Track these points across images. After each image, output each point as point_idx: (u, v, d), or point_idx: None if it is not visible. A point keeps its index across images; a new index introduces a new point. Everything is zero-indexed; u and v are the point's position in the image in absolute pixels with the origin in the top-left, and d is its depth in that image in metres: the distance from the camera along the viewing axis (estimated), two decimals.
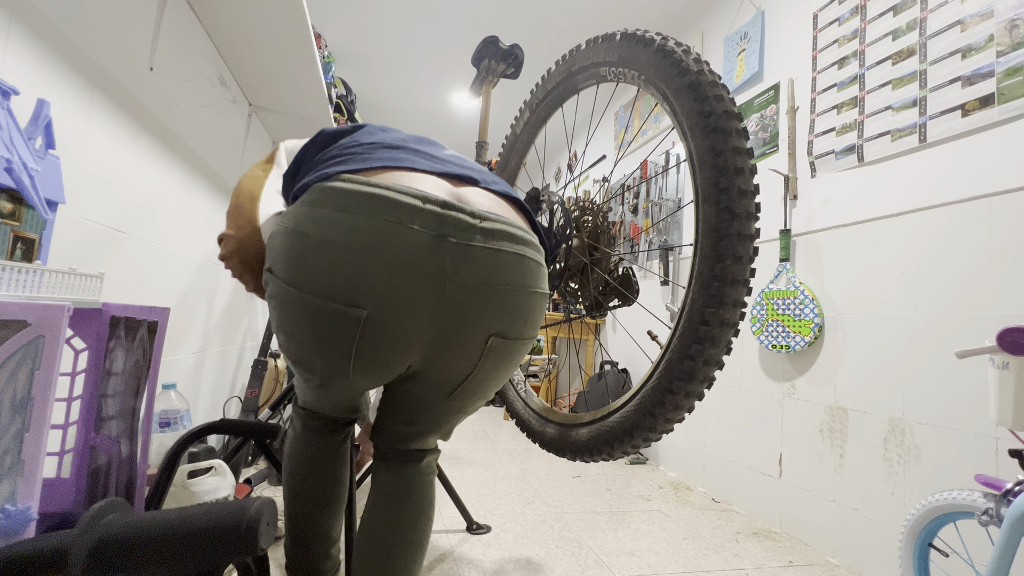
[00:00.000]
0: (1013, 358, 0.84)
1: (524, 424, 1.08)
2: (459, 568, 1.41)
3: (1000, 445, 1.19)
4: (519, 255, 0.64)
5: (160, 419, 1.58)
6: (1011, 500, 0.85)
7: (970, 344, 0.90)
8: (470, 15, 2.67)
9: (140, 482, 1.01)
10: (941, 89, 1.38)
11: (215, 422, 1.09)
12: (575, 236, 1.00)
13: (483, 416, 3.76)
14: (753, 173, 0.71)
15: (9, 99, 0.90)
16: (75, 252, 1.25)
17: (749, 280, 0.71)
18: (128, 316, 1.01)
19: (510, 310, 0.64)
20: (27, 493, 0.59)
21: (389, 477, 0.83)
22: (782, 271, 1.83)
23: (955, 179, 1.35)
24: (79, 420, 0.99)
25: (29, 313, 0.61)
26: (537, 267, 0.67)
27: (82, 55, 1.24)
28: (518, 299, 0.64)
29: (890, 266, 1.49)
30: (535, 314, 0.68)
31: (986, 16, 1.29)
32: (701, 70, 0.74)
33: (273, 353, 2.80)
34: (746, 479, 1.98)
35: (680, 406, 0.74)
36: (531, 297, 0.66)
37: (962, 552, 1.09)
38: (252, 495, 1.45)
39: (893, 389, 1.45)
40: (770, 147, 1.98)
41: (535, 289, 0.67)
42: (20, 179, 0.88)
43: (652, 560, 1.52)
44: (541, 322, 0.70)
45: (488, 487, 2.12)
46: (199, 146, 2.06)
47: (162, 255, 1.79)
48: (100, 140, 1.34)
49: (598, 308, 1.00)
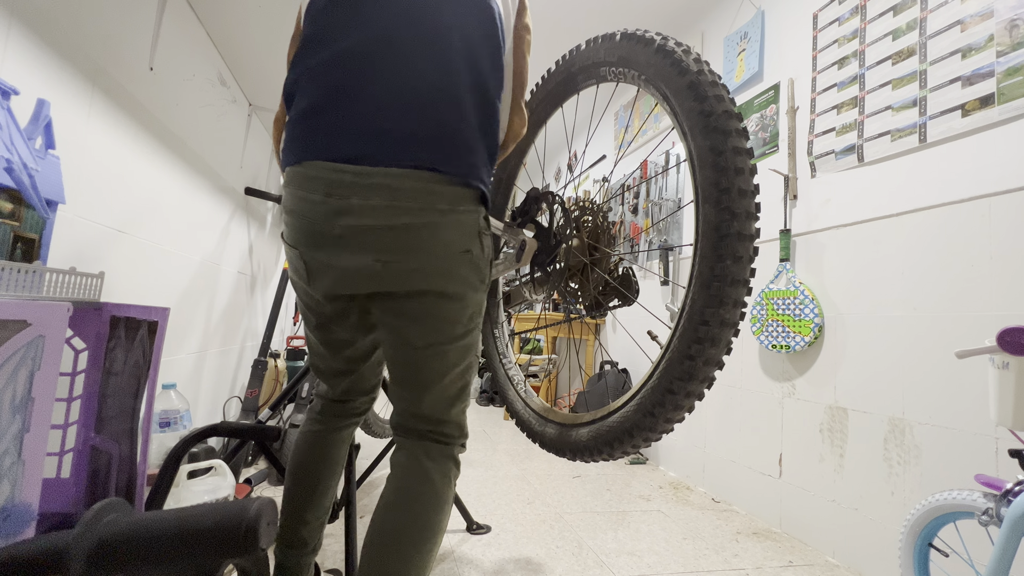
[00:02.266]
0: (1013, 358, 0.84)
1: (524, 424, 1.08)
2: (459, 568, 1.41)
3: (1000, 445, 1.19)
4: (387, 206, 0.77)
5: (160, 419, 1.58)
6: (1011, 500, 0.85)
7: (970, 344, 0.90)
8: None
9: (140, 482, 1.01)
10: (941, 89, 1.38)
11: (216, 424, 1.09)
12: (575, 236, 1.00)
13: (483, 416, 3.76)
14: (753, 173, 0.70)
15: (9, 99, 0.90)
16: (75, 252, 1.25)
17: (749, 280, 0.71)
18: (128, 316, 1.01)
19: (382, 242, 0.78)
20: (27, 493, 0.59)
21: (392, 459, 0.85)
22: (782, 271, 1.83)
23: (955, 179, 1.35)
24: (79, 420, 0.99)
25: (29, 313, 0.61)
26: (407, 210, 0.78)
27: (82, 55, 1.24)
28: (389, 233, 0.78)
29: (890, 266, 1.49)
30: (412, 242, 0.78)
31: (986, 16, 1.29)
32: (701, 70, 0.74)
33: (273, 353, 2.80)
34: (746, 479, 1.98)
35: (680, 406, 0.73)
36: (406, 230, 0.78)
37: (962, 552, 1.09)
38: (252, 495, 1.45)
39: (893, 389, 1.45)
40: (770, 147, 1.99)
41: (405, 221, 0.78)
42: (20, 179, 0.88)
43: (652, 560, 1.52)
44: (435, 249, 0.79)
45: (488, 487, 2.12)
46: (199, 146, 2.06)
47: (162, 255, 1.78)
48: (100, 140, 1.34)
49: (598, 308, 1.00)
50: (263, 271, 3.31)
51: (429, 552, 0.78)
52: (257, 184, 3.00)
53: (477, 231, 0.83)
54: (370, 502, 1.88)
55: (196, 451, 1.61)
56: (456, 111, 0.80)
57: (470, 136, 0.81)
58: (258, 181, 3.08)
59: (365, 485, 2.05)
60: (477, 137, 0.82)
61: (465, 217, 0.81)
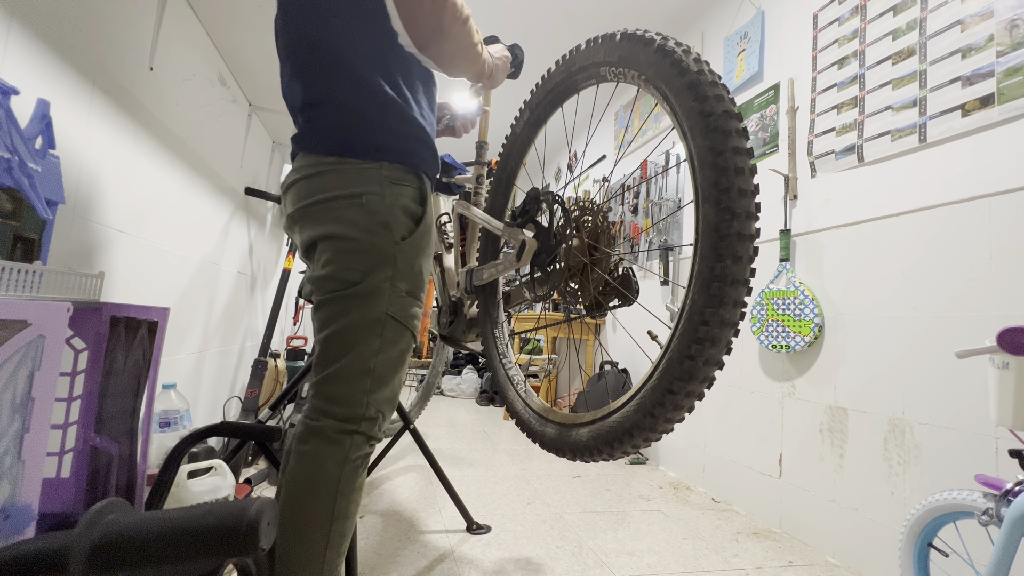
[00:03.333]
0: (1013, 358, 0.84)
1: (524, 424, 1.08)
2: (459, 568, 1.41)
3: (1000, 445, 1.19)
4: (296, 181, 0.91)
5: (160, 419, 1.58)
6: (1011, 500, 0.85)
7: (970, 344, 0.90)
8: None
9: (140, 482, 1.01)
10: (941, 89, 1.38)
11: (216, 424, 1.09)
12: (575, 236, 1.00)
13: (483, 416, 3.76)
14: (753, 173, 0.70)
15: (9, 99, 0.90)
16: (75, 252, 1.25)
17: (749, 280, 0.70)
18: (128, 316, 1.01)
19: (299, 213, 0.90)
20: (27, 493, 0.59)
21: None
22: (782, 271, 1.83)
23: (955, 179, 1.35)
24: (79, 420, 0.99)
25: (29, 313, 0.61)
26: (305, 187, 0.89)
27: (82, 55, 1.24)
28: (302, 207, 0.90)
29: (890, 266, 1.49)
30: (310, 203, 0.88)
31: (986, 16, 1.29)
32: (701, 70, 0.73)
33: (273, 353, 2.80)
34: (746, 479, 1.98)
35: (680, 406, 0.73)
36: (312, 205, 0.88)
37: (962, 552, 1.09)
38: (252, 495, 1.45)
39: (893, 389, 1.45)
40: (770, 147, 1.99)
41: (308, 202, 0.89)
42: (20, 179, 0.88)
43: (652, 560, 1.52)
44: (316, 200, 0.87)
45: (488, 487, 2.12)
46: (199, 146, 2.06)
47: (162, 255, 1.78)
48: (100, 140, 1.34)
49: (598, 308, 1.00)
50: (263, 271, 3.31)
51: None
52: (257, 184, 3.01)
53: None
54: (370, 502, 1.88)
55: (196, 451, 1.61)
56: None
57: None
58: (258, 181, 3.08)
59: (365, 485, 2.05)
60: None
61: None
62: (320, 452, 0.81)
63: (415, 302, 0.90)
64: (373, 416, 0.85)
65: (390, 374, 0.87)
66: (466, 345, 1.48)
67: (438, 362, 2.34)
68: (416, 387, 2.48)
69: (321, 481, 0.80)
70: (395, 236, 0.86)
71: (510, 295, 1.28)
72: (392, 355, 0.87)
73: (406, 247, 0.87)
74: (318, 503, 0.79)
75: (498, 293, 1.28)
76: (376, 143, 0.88)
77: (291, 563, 0.78)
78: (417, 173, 0.93)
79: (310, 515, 0.79)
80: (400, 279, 0.87)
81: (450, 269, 1.51)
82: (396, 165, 0.89)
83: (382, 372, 0.86)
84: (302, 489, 0.80)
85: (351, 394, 0.83)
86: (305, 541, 0.79)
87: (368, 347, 0.84)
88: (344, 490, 0.81)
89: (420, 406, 2.28)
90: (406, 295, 0.88)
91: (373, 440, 0.86)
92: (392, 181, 0.87)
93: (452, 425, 3.37)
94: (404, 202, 0.89)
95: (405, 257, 0.87)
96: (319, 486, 0.80)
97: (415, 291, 0.90)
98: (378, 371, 0.85)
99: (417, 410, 2.25)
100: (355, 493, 0.83)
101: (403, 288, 0.87)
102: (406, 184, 0.90)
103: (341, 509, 0.80)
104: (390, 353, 0.87)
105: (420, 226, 0.90)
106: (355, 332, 0.84)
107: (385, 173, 0.87)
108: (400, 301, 0.87)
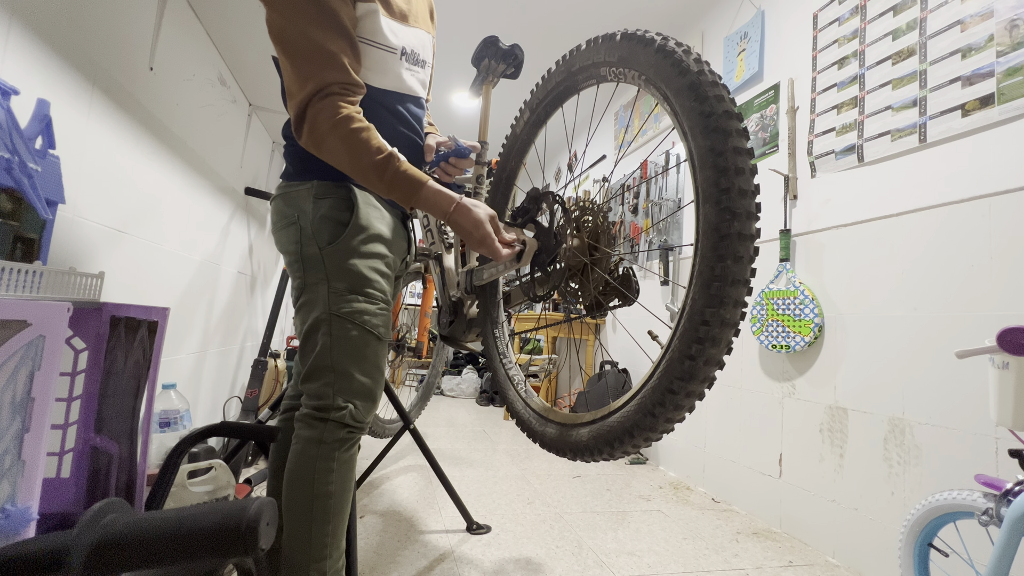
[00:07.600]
0: (1013, 358, 0.84)
1: (524, 424, 1.08)
2: (459, 568, 1.41)
3: (1000, 445, 1.19)
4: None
5: (160, 419, 1.58)
6: (1011, 500, 0.85)
7: (970, 344, 0.90)
8: (470, 15, 2.67)
9: (140, 482, 1.01)
10: (941, 89, 1.38)
11: (216, 424, 1.09)
12: (575, 236, 1.00)
13: (483, 416, 3.76)
14: (753, 173, 0.70)
15: (9, 99, 0.90)
16: (75, 252, 1.25)
17: (750, 280, 0.70)
18: (128, 316, 1.01)
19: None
20: (27, 493, 0.59)
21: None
22: (782, 271, 1.83)
23: (955, 179, 1.35)
24: (79, 420, 0.99)
25: (29, 313, 0.61)
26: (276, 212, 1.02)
27: (82, 55, 1.24)
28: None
29: (890, 266, 1.49)
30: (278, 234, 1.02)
31: (986, 16, 1.29)
32: (701, 70, 0.73)
33: (273, 353, 2.79)
34: (746, 479, 1.98)
35: (681, 406, 0.73)
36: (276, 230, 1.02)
37: (962, 552, 1.09)
38: (252, 495, 1.44)
39: (893, 389, 1.45)
40: (770, 147, 1.99)
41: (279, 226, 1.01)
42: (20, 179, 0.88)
43: (652, 560, 1.52)
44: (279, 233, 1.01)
45: (488, 487, 2.12)
46: (199, 146, 2.06)
47: (162, 255, 1.78)
48: (100, 140, 1.34)
49: (598, 308, 1.00)
50: (263, 271, 3.31)
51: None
52: (257, 184, 3.00)
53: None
54: (370, 502, 1.88)
55: (196, 451, 1.61)
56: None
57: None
58: (258, 181, 3.08)
59: (365, 485, 2.05)
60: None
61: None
62: (299, 436, 0.93)
63: (358, 298, 0.95)
64: (341, 406, 0.92)
65: (351, 368, 0.93)
66: (466, 345, 1.47)
67: (438, 362, 2.34)
68: (416, 387, 2.49)
69: (300, 461, 0.91)
70: (320, 243, 0.95)
71: (510, 295, 1.28)
72: (346, 350, 0.93)
73: (332, 251, 0.95)
74: (298, 481, 0.90)
75: (498, 293, 1.28)
76: (306, 166, 0.98)
77: (284, 536, 0.90)
78: (345, 185, 0.99)
79: (292, 492, 0.90)
80: (336, 279, 0.94)
81: (450, 269, 1.51)
82: (324, 182, 0.97)
83: (343, 367, 0.93)
84: (288, 469, 0.92)
85: (319, 389, 0.93)
86: (292, 517, 0.89)
87: (323, 346, 0.93)
88: (321, 468, 0.90)
89: (420, 406, 2.28)
90: (346, 292, 0.94)
91: (350, 428, 0.93)
92: (317, 197, 0.96)
93: (452, 425, 3.37)
94: (328, 212, 0.96)
95: (333, 259, 0.95)
96: (299, 466, 0.91)
97: (356, 287, 0.95)
98: (338, 367, 0.93)
99: (417, 410, 2.24)
100: (332, 474, 0.91)
101: (341, 287, 0.94)
102: (331, 196, 0.97)
103: (320, 488, 0.90)
104: (344, 348, 0.93)
105: (348, 228, 0.97)
106: (313, 334, 0.94)
107: (314, 192, 0.97)
108: (340, 299, 0.94)
